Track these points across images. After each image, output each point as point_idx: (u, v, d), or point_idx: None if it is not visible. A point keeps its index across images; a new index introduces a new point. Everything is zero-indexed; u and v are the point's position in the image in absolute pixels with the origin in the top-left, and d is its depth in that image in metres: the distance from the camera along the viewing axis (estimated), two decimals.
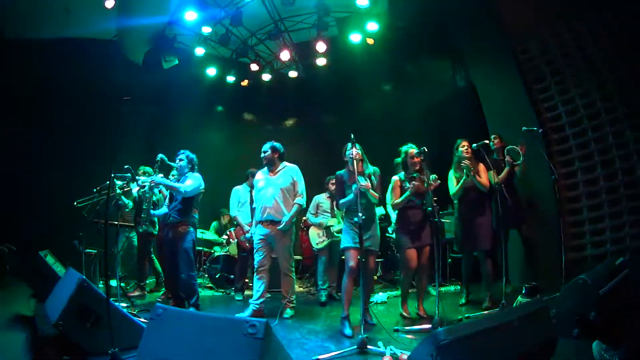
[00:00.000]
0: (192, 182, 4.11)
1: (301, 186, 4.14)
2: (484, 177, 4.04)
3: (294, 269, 4.20)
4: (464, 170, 3.96)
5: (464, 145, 4.11)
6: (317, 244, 5.11)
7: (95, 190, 4.47)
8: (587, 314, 2.47)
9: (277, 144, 4.20)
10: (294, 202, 4.07)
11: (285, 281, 4.13)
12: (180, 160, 4.25)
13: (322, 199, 5.27)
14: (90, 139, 6.03)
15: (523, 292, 3.45)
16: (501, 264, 3.72)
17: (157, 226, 5.00)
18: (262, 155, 4.16)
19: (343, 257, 3.81)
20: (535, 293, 3.39)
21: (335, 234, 4.98)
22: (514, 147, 4.22)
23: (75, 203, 4.62)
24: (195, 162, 4.33)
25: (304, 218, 5.43)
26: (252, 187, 4.80)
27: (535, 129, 4.16)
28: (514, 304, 3.42)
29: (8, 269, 4.50)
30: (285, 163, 4.22)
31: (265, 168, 4.21)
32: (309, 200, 5.28)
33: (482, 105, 5.60)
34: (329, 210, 5.19)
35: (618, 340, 2.15)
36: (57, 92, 6.08)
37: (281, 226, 3.95)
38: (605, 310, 2.44)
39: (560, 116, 4.87)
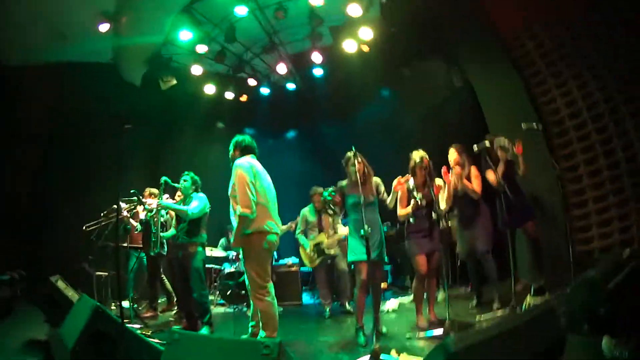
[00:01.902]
0: (198, 204, 4.17)
1: (239, 190, 3.10)
2: (476, 182, 4.04)
3: (265, 297, 3.16)
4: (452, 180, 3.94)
5: (452, 153, 4.16)
6: (309, 263, 5.10)
7: (102, 214, 4.53)
8: (597, 309, 2.45)
9: (239, 137, 3.45)
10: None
11: (255, 309, 3.28)
12: (185, 181, 4.31)
13: (308, 213, 5.17)
14: (94, 162, 6.12)
15: (531, 292, 3.44)
16: (508, 263, 3.70)
17: (166, 247, 5.02)
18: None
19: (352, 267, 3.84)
20: (544, 291, 3.38)
21: (326, 250, 4.95)
22: (502, 139, 4.19)
23: (84, 227, 4.68)
24: (199, 184, 4.38)
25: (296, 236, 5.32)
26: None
27: (534, 124, 4.17)
28: (524, 304, 3.41)
29: (19, 293, 4.55)
30: (240, 159, 3.29)
31: None
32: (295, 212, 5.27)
33: (481, 105, 5.60)
34: (317, 226, 5.12)
35: (629, 335, 2.13)
36: (61, 116, 6.18)
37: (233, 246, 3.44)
38: (614, 304, 2.40)
39: (559, 109, 4.87)
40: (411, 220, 3.75)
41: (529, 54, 5.09)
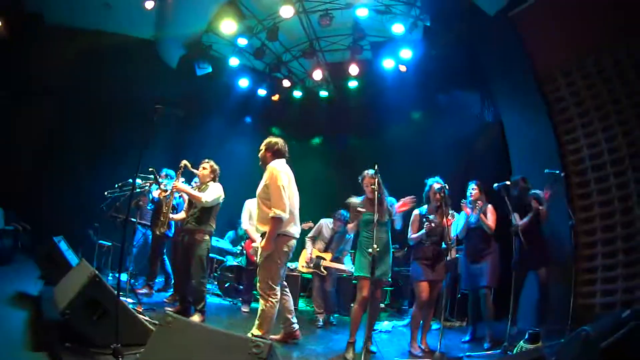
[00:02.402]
0: (213, 193, 4.13)
1: (275, 193, 3.19)
2: (492, 218, 4.04)
3: (273, 298, 3.28)
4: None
5: (474, 188, 4.15)
6: (302, 266, 5.15)
7: (116, 185, 4.57)
8: None
9: (272, 140, 3.49)
10: (269, 215, 3.21)
11: (261, 308, 3.32)
12: (204, 168, 4.28)
13: (327, 226, 5.18)
14: (119, 134, 6.21)
15: (525, 337, 3.34)
16: (509, 304, 3.64)
17: (172, 229, 5.09)
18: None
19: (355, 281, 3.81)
20: (537, 339, 3.27)
21: (322, 268, 4.98)
22: (538, 192, 4.14)
23: (105, 193, 4.65)
24: (217, 173, 4.33)
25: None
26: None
27: (557, 172, 4.11)
28: (516, 349, 3.31)
29: (20, 246, 4.62)
30: (276, 162, 3.36)
31: None
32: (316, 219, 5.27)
33: (508, 143, 5.54)
34: (328, 240, 5.14)
35: None
36: (91, 83, 6.25)
37: (259, 250, 3.36)
38: None
39: (583, 159, 4.78)
40: (424, 242, 3.73)
41: (563, 99, 5.02)
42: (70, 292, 2.63)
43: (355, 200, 3.70)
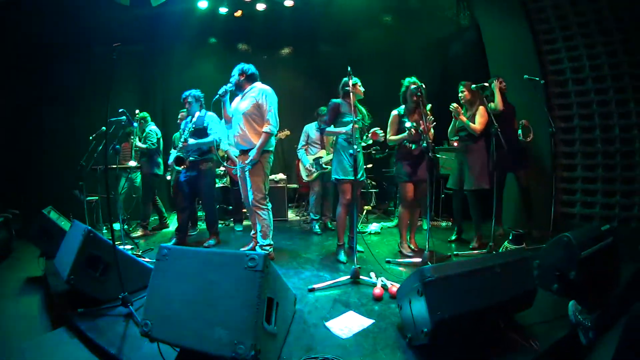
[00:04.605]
0: (216, 127, 4.28)
1: (270, 111, 3.61)
2: (480, 120, 4.01)
3: (267, 206, 3.77)
4: (452, 112, 4.01)
5: (462, 91, 4.17)
6: (307, 177, 5.26)
7: (91, 137, 4.43)
8: (568, 272, 2.53)
9: (245, 65, 3.78)
10: (262, 130, 3.62)
11: (256, 218, 3.78)
12: (189, 103, 4.34)
13: (312, 129, 5.29)
14: (78, 83, 5.87)
15: (510, 238, 3.56)
16: (493, 205, 3.77)
17: (162, 166, 5.29)
18: (231, 81, 3.80)
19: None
20: (521, 241, 3.50)
21: (324, 165, 5.10)
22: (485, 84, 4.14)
23: (90, 138, 4.47)
24: (201, 98, 4.41)
25: (296, 146, 5.48)
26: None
27: (537, 79, 4.10)
28: (500, 248, 3.55)
29: (14, 233, 4.57)
30: (254, 84, 3.76)
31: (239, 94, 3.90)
32: (299, 129, 5.42)
33: (485, 47, 5.45)
34: (319, 142, 5.26)
35: (593, 305, 2.21)
36: (45, 40, 5.76)
37: (249, 160, 3.64)
38: (584, 272, 2.51)
39: (564, 71, 4.78)
40: (406, 142, 3.80)
41: (544, 10, 4.86)
42: (70, 257, 2.65)
43: (337, 100, 3.76)
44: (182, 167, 4.30)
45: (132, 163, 5.13)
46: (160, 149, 5.32)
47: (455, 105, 3.98)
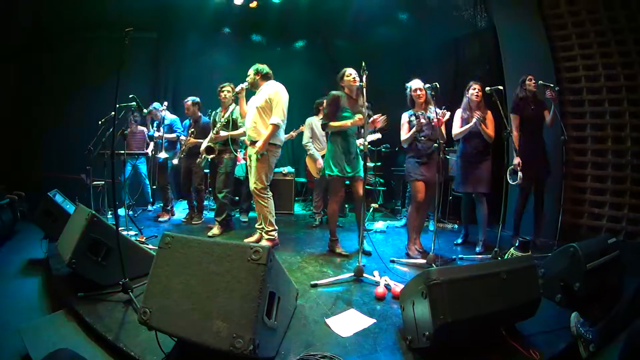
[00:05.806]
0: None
1: (277, 105, 3.82)
2: (491, 127, 3.95)
3: (267, 195, 3.92)
4: (475, 119, 3.89)
5: (475, 88, 3.98)
6: (317, 174, 5.24)
7: (100, 122, 4.42)
8: (572, 283, 2.49)
9: (259, 66, 4.04)
10: (269, 122, 3.83)
11: (256, 205, 3.98)
12: (228, 92, 4.62)
13: (316, 121, 5.24)
14: (89, 69, 5.88)
15: (516, 244, 3.51)
16: (500, 210, 3.68)
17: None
18: (247, 79, 4.06)
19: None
20: (527, 248, 3.45)
21: None
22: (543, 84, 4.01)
23: (99, 122, 4.41)
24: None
25: (304, 143, 5.41)
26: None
27: (552, 85, 4.01)
28: (506, 255, 3.50)
29: (19, 215, 4.59)
30: (268, 82, 4.01)
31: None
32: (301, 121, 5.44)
33: (501, 51, 5.35)
34: (324, 135, 5.17)
35: (595, 318, 2.17)
36: (56, 25, 5.80)
37: (255, 149, 3.79)
38: (589, 285, 2.47)
39: (579, 79, 4.71)
40: (418, 140, 3.74)
41: (562, 16, 4.81)
42: (72, 240, 2.64)
43: (338, 92, 3.73)
44: (212, 156, 4.57)
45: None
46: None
47: (479, 113, 3.90)
